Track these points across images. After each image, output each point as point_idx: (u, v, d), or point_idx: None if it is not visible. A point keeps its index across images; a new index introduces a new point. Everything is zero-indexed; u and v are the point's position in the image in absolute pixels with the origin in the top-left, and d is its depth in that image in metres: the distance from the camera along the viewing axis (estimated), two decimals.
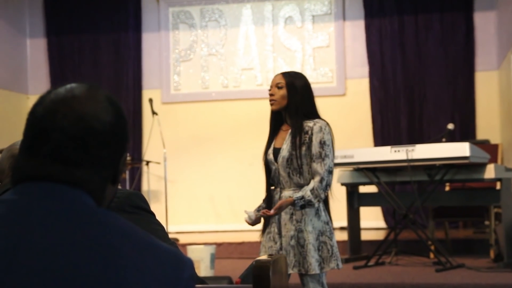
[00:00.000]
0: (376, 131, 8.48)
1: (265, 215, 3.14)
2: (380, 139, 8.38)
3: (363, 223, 6.33)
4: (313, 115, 3.24)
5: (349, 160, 5.58)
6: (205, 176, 8.63)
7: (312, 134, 3.17)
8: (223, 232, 8.12)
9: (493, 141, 7.67)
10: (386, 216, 8.24)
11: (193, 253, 5.16)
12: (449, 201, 6.00)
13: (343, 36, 8.69)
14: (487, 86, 8.30)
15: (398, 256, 5.87)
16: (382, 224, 8.29)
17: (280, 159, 3.23)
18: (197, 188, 8.63)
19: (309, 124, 3.20)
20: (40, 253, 0.97)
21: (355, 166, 5.70)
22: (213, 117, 8.78)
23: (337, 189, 6.20)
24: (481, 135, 8.18)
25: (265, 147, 3.34)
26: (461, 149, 5.15)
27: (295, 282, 3.55)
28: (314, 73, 8.72)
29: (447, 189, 6.55)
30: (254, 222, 3.26)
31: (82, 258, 0.97)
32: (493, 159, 6.43)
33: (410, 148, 5.34)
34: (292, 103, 3.22)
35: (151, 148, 8.02)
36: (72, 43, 9.08)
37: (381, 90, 8.49)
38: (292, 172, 3.21)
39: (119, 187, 1.59)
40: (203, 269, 5.09)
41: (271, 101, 3.26)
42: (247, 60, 8.88)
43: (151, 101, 7.73)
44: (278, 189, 3.28)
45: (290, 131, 3.25)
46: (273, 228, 3.25)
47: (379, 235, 7.15)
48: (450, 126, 6.00)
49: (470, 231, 7.57)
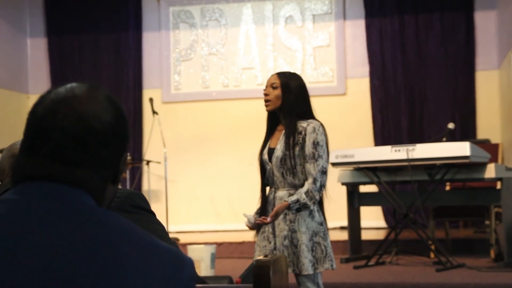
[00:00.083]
0: (376, 130, 8.47)
1: (262, 223, 3.13)
2: (380, 139, 8.38)
3: (364, 223, 6.34)
4: (307, 115, 3.24)
5: (350, 160, 5.58)
6: (205, 175, 8.63)
7: (305, 135, 3.17)
8: (223, 232, 8.11)
9: (493, 140, 7.67)
10: (387, 215, 8.24)
11: (193, 252, 5.16)
12: (449, 200, 6.00)
13: (343, 35, 8.69)
14: (487, 85, 8.30)
15: (399, 255, 5.87)
16: (382, 223, 8.29)
17: (274, 159, 3.24)
18: (197, 187, 8.63)
19: (302, 124, 3.20)
20: (40, 253, 0.97)
21: (355, 166, 5.70)
22: (213, 116, 8.78)
23: (338, 189, 6.22)
24: (481, 134, 8.18)
25: (260, 147, 3.36)
26: (461, 149, 5.15)
27: (291, 281, 3.54)
28: (314, 72, 8.72)
29: (447, 188, 6.55)
30: (254, 226, 3.26)
31: (83, 258, 0.96)
32: (494, 159, 6.43)
33: (410, 147, 5.34)
34: (286, 103, 3.22)
35: (151, 148, 8.02)
36: (72, 43, 9.08)
37: (381, 89, 8.49)
38: (286, 172, 3.21)
39: (120, 186, 1.59)
40: (203, 269, 5.09)
41: (265, 101, 3.27)
42: (247, 60, 8.87)
43: (151, 100, 7.73)
44: (273, 189, 3.29)
45: (284, 131, 3.25)
46: (267, 228, 3.26)
47: (380, 235, 7.15)
48: (451, 125, 6.00)
49: (470, 230, 7.56)
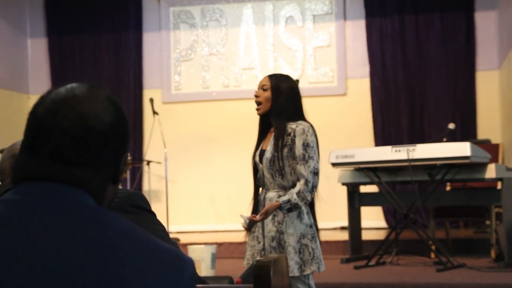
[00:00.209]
0: (377, 130, 8.47)
1: (251, 220, 3.17)
2: (381, 139, 8.38)
3: (364, 223, 6.33)
4: (297, 117, 3.25)
5: (350, 160, 5.58)
6: (206, 175, 8.63)
7: (294, 136, 3.18)
8: (224, 232, 8.11)
9: (494, 140, 7.66)
10: (387, 216, 8.23)
11: (194, 252, 5.16)
12: (450, 200, 6.00)
13: (344, 35, 8.69)
14: (488, 85, 8.29)
15: (399, 256, 5.86)
16: (383, 224, 8.29)
17: (264, 161, 3.26)
18: (198, 187, 8.63)
19: (292, 126, 3.21)
20: (40, 253, 0.97)
21: (356, 166, 5.70)
22: (213, 117, 8.78)
23: (338, 189, 6.23)
24: (482, 134, 8.18)
25: (254, 149, 3.38)
26: (462, 149, 5.15)
27: None
28: (314, 72, 8.72)
29: (448, 189, 6.55)
30: (250, 227, 3.29)
31: (83, 258, 0.97)
32: (494, 159, 6.42)
33: (411, 147, 5.34)
34: (276, 105, 3.24)
35: (151, 148, 8.02)
36: (73, 43, 9.08)
37: (382, 89, 8.49)
38: (275, 174, 3.23)
39: (120, 187, 1.59)
40: (204, 269, 5.09)
41: (256, 103, 3.29)
42: (247, 60, 8.87)
43: (151, 100, 7.73)
44: (264, 191, 3.31)
45: (273, 133, 3.27)
46: (258, 228, 3.28)
47: (380, 235, 7.14)
48: (451, 125, 6.00)
49: (471, 231, 7.56)
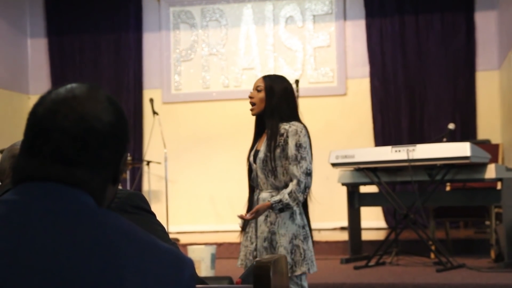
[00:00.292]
0: (376, 131, 8.47)
1: (242, 218, 3.18)
2: (380, 139, 8.38)
3: (364, 223, 6.34)
4: (291, 118, 3.25)
5: (350, 160, 5.58)
6: (205, 176, 8.63)
7: (287, 137, 3.19)
8: (223, 232, 8.11)
9: (494, 141, 7.66)
10: (387, 216, 8.23)
11: (193, 253, 5.16)
12: (449, 201, 5.99)
13: (344, 36, 8.69)
14: (488, 86, 8.29)
15: (399, 256, 5.86)
16: (382, 224, 8.28)
17: (258, 161, 3.27)
18: (197, 188, 8.63)
19: (285, 126, 3.22)
20: (40, 253, 0.97)
21: (355, 166, 5.70)
22: (213, 117, 8.78)
23: (338, 189, 6.23)
24: (482, 135, 8.18)
25: (249, 149, 3.39)
26: (462, 149, 5.15)
27: None
28: (315, 73, 8.72)
29: (447, 189, 6.55)
30: (244, 227, 3.32)
31: (83, 258, 0.97)
32: (494, 159, 6.42)
33: (410, 148, 5.34)
34: (269, 106, 3.25)
35: (151, 148, 8.02)
36: (73, 43, 9.08)
37: (381, 90, 8.49)
38: (268, 174, 3.24)
39: (120, 187, 1.59)
40: (203, 269, 5.09)
41: (251, 104, 3.30)
42: (248, 60, 8.87)
43: (151, 101, 7.73)
44: (257, 191, 3.32)
45: (267, 133, 3.28)
46: (251, 229, 3.29)
47: (380, 235, 7.14)
48: (451, 126, 6.00)
49: (470, 231, 7.56)
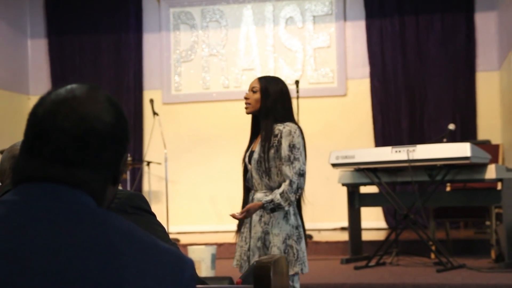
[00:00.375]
0: (377, 131, 8.47)
1: (232, 217, 3.19)
2: (381, 140, 8.38)
3: (364, 224, 6.33)
4: (285, 119, 3.27)
5: (350, 161, 5.58)
6: (206, 176, 8.63)
7: (281, 137, 3.21)
8: (224, 233, 8.10)
9: (494, 141, 7.66)
10: (387, 216, 8.23)
11: (194, 253, 5.16)
12: (450, 201, 6.00)
13: (344, 36, 8.69)
14: (488, 86, 8.29)
15: (399, 256, 5.86)
16: (383, 224, 8.28)
17: (252, 162, 3.29)
18: (198, 188, 8.63)
19: (279, 127, 3.24)
20: (40, 253, 0.97)
21: (356, 167, 5.70)
22: (214, 117, 8.78)
23: (338, 190, 6.23)
24: (482, 135, 8.18)
25: (245, 150, 3.40)
26: (462, 150, 5.15)
27: None
28: (315, 73, 8.72)
29: (448, 189, 6.55)
30: (239, 228, 3.36)
31: (83, 259, 0.97)
32: (494, 160, 6.42)
33: (411, 148, 5.34)
34: (264, 107, 3.26)
35: (152, 149, 8.02)
36: (73, 44, 9.08)
37: (382, 90, 8.49)
38: (262, 174, 3.25)
39: (120, 187, 1.59)
40: (204, 270, 5.09)
41: (246, 104, 3.31)
42: (248, 61, 8.88)
43: (152, 101, 7.73)
44: (252, 191, 3.33)
45: (261, 134, 3.29)
46: (246, 229, 3.31)
47: (380, 236, 7.14)
48: (451, 126, 6.00)
49: (471, 231, 7.56)
